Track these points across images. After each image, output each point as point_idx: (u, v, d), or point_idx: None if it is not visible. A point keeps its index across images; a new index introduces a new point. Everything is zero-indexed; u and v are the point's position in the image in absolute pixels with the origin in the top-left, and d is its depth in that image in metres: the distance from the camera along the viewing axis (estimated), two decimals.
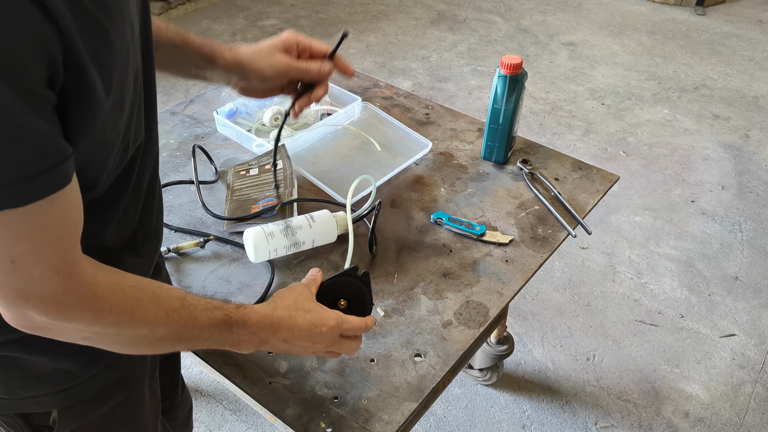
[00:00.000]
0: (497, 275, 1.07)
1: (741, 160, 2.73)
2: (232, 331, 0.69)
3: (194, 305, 0.66)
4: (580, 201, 1.23)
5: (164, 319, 0.63)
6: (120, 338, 0.62)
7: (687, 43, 3.64)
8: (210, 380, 1.83)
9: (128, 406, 0.84)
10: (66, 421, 0.77)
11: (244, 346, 0.72)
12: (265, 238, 1.02)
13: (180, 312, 0.64)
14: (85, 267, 0.56)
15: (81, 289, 0.56)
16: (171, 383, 1.11)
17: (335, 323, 0.76)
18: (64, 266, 0.54)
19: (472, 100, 3.11)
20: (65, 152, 0.49)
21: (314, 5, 4.05)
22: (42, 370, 0.70)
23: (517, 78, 1.21)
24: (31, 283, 0.53)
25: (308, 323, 0.74)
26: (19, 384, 0.71)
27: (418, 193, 1.24)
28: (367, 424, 0.85)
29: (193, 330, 0.66)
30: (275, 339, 0.73)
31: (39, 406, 0.74)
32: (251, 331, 0.71)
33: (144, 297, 0.61)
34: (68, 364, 0.71)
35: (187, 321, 0.65)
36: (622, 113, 3.03)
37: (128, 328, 0.61)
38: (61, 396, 0.73)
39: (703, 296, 2.10)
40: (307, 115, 1.41)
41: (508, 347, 1.62)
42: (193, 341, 0.67)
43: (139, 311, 0.61)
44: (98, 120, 0.53)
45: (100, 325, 0.59)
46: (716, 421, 1.74)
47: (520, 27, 3.81)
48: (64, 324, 0.57)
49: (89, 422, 0.79)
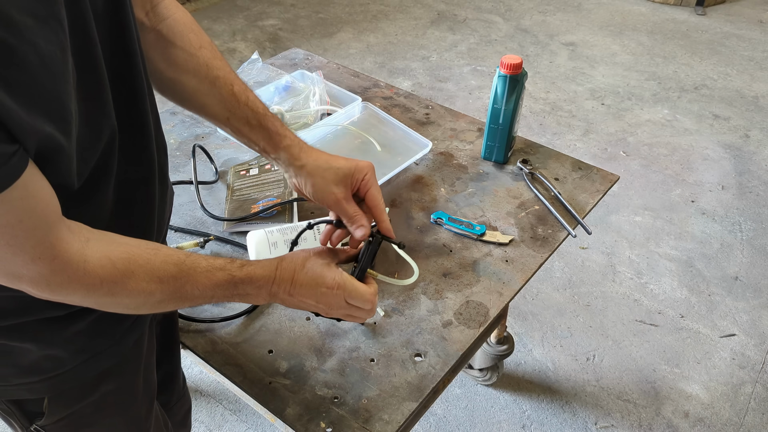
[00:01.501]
0: (497, 275, 1.07)
1: (741, 160, 2.73)
2: (237, 288, 0.71)
3: (194, 268, 0.68)
4: (580, 201, 1.23)
5: (159, 287, 0.64)
6: (119, 305, 0.64)
7: (687, 43, 3.64)
8: (210, 380, 1.83)
9: (120, 394, 0.84)
10: (57, 408, 0.77)
11: (253, 298, 0.74)
12: (268, 248, 1.01)
13: (177, 278, 0.66)
14: (70, 245, 0.57)
15: (68, 268, 0.57)
16: (169, 379, 1.11)
17: (334, 284, 0.75)
18: (43, 251, 0.55)
19: (472, 100, 3.11)
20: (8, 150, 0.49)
21: (314, 5, 4.05)
22: (31, 358, 0.70)
23: (517, 78, 1.21)
24: (17, 269, 0.55)
25: (309, 279, 0.75)
26: (9, 371, 0.71)
27: (418, 193, 1.24)
28: (367, 424, 0.85)
29: (194, 291, 0.68)
30: (281, 292, 0.74)
31: (30, 393, 0.75)
32: (258, 285, 0.73)
33: (136, 268, 0.62)
34: (57, 351, 0.72)
35: (186, 285, 0.67)
36: (622, 113, 3.03)
37: (123, 297, 0.63)
38: (51, 383, 0.73)
39: (703, 296, 2.10)
40: (307, 115, 1.41)
41: (508, 347, 1.62)
42: (196, 300, 0.69)
43: (132, 282, 0.62)
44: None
45: (94, 297, 0.61)
46: (716, 421, 1.74)
47: (520, 27, 3.81)
48: (61, 297, 0.59)
49: (80, 409, 0.79)
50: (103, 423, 0.85)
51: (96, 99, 0.61)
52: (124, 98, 0.67)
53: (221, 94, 0.82)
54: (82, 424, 0.82)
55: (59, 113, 0.53)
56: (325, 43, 3.62)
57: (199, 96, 0.82)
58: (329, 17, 3.91)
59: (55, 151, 0.55)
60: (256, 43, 3.61)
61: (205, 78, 0.81)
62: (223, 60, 0.84)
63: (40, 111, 0.51)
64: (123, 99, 0.67)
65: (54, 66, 0.51)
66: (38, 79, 0.49)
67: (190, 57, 0.80)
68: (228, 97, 0.82)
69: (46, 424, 0.78)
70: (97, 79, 0.61)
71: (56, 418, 0.78)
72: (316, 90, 1.43)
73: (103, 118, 0.63)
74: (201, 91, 0.81)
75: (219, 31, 3.71)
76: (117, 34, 0.65)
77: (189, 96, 0.82)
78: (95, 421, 0.83)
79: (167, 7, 0.81)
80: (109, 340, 0.76)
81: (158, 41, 0.79)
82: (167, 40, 0.79)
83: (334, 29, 3.76)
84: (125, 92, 0.67)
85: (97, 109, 0.62)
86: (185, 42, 0.81)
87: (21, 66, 0.47)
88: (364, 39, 3.67)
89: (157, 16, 0.79)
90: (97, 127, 0.63)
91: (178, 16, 0.81)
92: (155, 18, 0.79)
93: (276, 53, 3.08)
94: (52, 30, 0.50)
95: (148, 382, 0.91)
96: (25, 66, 0.48)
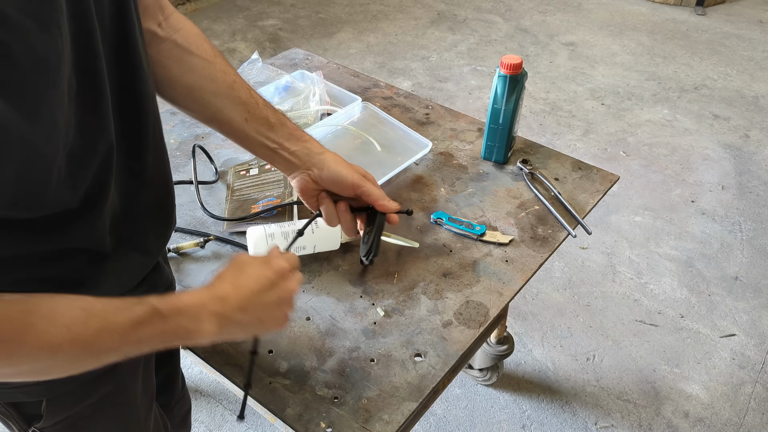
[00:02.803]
0: (497, 275, 1.07)
1: (741, 160, 2.73)
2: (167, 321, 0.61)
3: (106, 309, 0.59)
4: (580, 201, 1.23)
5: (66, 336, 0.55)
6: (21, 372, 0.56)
7: (687, 43, 3.64)
8: (210, 380, 1.83)
9: (118, 396, 0.84)
10: (55, 411, 0.77)
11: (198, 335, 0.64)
12: (264, 238, 1.02)
13: (87, 322, 0.57)
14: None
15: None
16: (169, 380, 1.11)
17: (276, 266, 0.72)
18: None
19: (472, 100, 3.11)
20: None
21: (314, 5, 4.05)
22: None
23: (517, 78, 1.21)
24: None
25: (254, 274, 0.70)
26: None
27: (418, 193, 1.24)
28: (367, 424, 0.85)
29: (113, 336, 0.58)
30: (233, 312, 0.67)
31: (28, 396, 0.75)
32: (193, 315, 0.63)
33: (36, 319, 0.54)
34: None
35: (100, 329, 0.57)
36: (622, 113, 3.03)
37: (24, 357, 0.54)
38: (49, 386, 0.73)
39: (703, 296, 2.10)
40: (307, 115, 1.41)
41: (508, 347, 1.62)
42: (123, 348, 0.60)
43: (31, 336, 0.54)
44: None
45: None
46: (716, 421, 1.74)
47: (520, 27, 3.81)
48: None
49: (78, 411, 0.79)
50: (101, 425, 0.85)
51: (95, 112, 0.62)
52: (126, 112, 0.68)
53: (239, 96, 0.85)
54: (81, 426, 0.82)
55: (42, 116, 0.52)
56: (325, 43, 3.62)
57: (217, 100, 0.84)
58: (329, 17, 3.91)
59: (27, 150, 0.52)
60: (256, 43, 3.61)
61: (222, 82, 0.85)
62: (234, 69, 0.88)
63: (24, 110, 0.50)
64: (125, 113, 0.68)
65: (48, 71, 0.51)
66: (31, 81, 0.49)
67: (208, 64, 0.84)
68: (247, 99, 0.86)
69: (45, 426, 0.78)
70: (97, 93, 0.61)
71: (54, 421, 0.78)
72: (316, 90, 1.43)
73: (101, 131, 0.63)
74: (219, 94, 0.84)
75: (219, 31, 3.71)
76: (122, 47, 0.66)
77: (206, 101, 0.85)
78: (94, 423, 0.83)
79: (178, 19, 0.84)
80: None
81: (174, 50, 0.82)
82: (183, 48, 0.83)
83: (334, 29, 3.76)
84: (128, 106, 0.68)
85: (95, 123, 0.62)
86: (201, 50, 0.84)
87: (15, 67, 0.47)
88: (364, 39, 3.67)
89: (171, 26, 0.82)
90: (93, 139, 0.62)
91: (190, 27, 0.85)
92: (169, 28, 0.82)
93: (276, 53, 3.08)
94: (52, 36, 0.50)
95: (147, 385, 0.91)
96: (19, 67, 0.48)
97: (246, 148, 0.90)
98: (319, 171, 0.88)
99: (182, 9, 3.90)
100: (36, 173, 0.55)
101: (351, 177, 0.87)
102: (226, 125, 0.87)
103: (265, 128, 0.86)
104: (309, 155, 0.88)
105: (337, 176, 0.87)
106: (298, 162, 0.88)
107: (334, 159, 0.89)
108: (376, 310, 1.01)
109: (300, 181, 0.90)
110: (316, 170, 0.88)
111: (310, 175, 0.88)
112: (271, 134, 0.87)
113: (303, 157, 0.88)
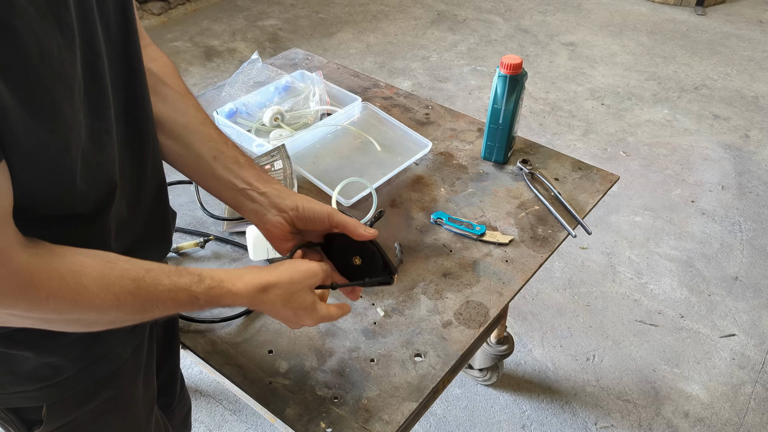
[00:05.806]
0: (497, 275, 1.07)
1: (741, 160, 2.73)
2: (205, 306, 0.69)
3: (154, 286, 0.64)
4: (580, 201, 1.23)
5: (115, 303, 0.60)
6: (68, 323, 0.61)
7: (687, 43, 3.64)
8: (210, 380, 1.83)
9: (120, 401, 0.83)
10: (55, 416, 0.77)
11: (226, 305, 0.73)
12: (265, 243, 1.02)
13: (135, 294, 0.62)
14: (17, 255, 0.54)
15: (12, 279, 0.54)
16: (169, 381, 1.11)
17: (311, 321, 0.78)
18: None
19: (472, 100, 3.11)
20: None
21: (314, 5, 4.05)
22: (29, 365, 0.70)
23: (517, 78, 1.21)
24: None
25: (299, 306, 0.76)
26: (7, 379, 0.71)
27: (418, 193, 1.24)
28: (367, 424, 0.85)
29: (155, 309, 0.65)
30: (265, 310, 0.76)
31: (28, 401, 0.74)
32: (229, 303, 0.71)
33: (89, 282, 0.59)
34: (56, 359, 0.71)
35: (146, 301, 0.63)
36: (622, 113, 3.03)
37: (72, 313, 0.59)
38: (49, 391, 0.73)
39: (703, 296, 2.10)
40: (307, 115, 1.41)
41: (508, 347, 1.62)
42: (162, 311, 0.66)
43: (83, 298, 0.58)
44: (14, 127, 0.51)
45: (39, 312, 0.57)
46: (716, 421, 1.74)
47: (520, 27, 3.81)
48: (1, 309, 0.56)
49: (79, 417, 0.79)
50: (102, 430, 0.85)
51: (100, 115, 0.62)
52: (128, 116, 0.68)
53: (210, 133, 0.84)
54: (82, 431, 0.82)
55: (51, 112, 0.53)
56: (325, 43, 3.62)
57: (187, 133, 0.83)
58: (329, 17, 3.91)
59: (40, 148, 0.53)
60: (256, 43, 3.61)
61: (194, 117, 0.84)
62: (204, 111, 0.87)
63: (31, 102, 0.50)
64: (129, 118, 0.68)
65: (53, 63, 0.51)
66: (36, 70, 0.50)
67: (180, 98, 0.84)
68: (217, 137, 0.84)
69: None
70: (101, 95, 0.62)
71: (55, 426, 0.78)
72: (316, 90, 1.43)
73: (106, 135, 0.64)
74: (190, 128, 0.83)
75: (219, 31, 3.71)
76: (124, 51, 0.66)
77: (176, 133, 0.83)
78: (95, 428, 0.83)
79: (155, 50, 0.85)
80: (108, 347, 0.76)
81: (150, 78, 0.81)
82: (158, 78, 0.82)
83: (334, 29, 3.76)
84: (129, 110, 0.68)
85: (101, 125, 0.63)
86: (175, 84, 0.84)
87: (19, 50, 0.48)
88: (363, 39, 3.67)
89: (147, 56, 0.81)
90: (101, 142, 0.63)
91: (165, 60, 0.85)
92: (146, 57, 0.80)
93: (276, 53, 3.08)
94: (50, 26, 0.51)
95: (149, 388, 0.90)
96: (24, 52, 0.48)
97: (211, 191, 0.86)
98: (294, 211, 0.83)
99: (182, 9, 3.90)
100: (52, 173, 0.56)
101: (323, 208, 0.83)
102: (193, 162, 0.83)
103: (235, 166, 0.83)
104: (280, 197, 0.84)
105: (312, 212, 0.83)
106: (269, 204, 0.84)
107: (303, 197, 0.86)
108: (376, 310, 1.01)
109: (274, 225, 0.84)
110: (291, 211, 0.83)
111: (285, 218, 0.84)
112: (241, 173, 0.83)
113: (275, 198, 0.84)
